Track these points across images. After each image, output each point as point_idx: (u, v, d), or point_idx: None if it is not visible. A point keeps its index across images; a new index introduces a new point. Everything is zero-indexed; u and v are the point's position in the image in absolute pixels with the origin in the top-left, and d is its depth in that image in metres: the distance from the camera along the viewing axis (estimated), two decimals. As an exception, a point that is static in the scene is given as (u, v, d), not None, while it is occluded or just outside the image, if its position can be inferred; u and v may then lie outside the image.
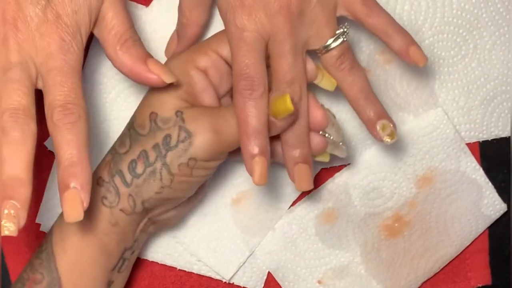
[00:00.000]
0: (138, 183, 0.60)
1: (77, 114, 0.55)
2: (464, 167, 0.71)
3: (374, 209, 0.71)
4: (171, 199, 0.62)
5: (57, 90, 0.55)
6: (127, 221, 0.61)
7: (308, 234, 0.71)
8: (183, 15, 0.64)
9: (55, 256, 0.60)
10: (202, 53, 0.61)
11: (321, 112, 0.61)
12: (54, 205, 0.69)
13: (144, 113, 0.61)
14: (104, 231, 0.60)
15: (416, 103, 0.70)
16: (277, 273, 0.71)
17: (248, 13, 0.58)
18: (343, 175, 0.70)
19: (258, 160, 0.58)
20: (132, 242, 0.63)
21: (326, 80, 0.62)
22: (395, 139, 0.62)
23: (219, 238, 0.70)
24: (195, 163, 0.59)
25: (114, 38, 0.58)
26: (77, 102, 0.55)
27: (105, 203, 0.60)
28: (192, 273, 0.71)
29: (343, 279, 0.71)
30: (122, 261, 0.63)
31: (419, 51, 0.61)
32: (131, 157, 0.60)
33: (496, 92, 0.71)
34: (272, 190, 0.70)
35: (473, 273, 0.73)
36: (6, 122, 0.53)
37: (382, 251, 0.71)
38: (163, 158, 0.59)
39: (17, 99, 0.54)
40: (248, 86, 0.58)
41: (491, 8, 0.70)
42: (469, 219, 0.72)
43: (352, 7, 0.61)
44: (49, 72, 0.55)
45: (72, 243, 0.60)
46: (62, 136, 0.54)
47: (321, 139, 0.62)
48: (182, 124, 0.59)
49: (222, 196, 0.70)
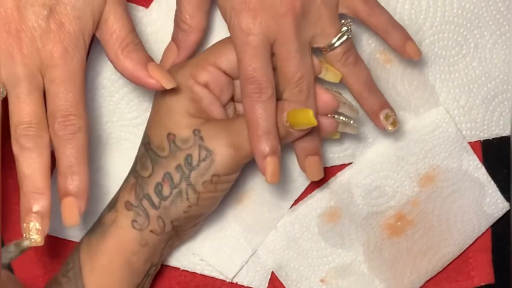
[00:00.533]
0: (166, 204, 0.61)
1: (77, 125, 0.57)
2: (466, 165, 0.71)
3: (377, 208, 0.71)
4: (198, 216, 0.63)
5: (58, 100, 0.56)
6: (156, 241, 0.62)
7: (310, 233, 0.71)
8: (184, 21, 0.63)
9: (83, 276, 0.61)
10: (201, 68, 0.61)
11: (329, 95, 0.62)
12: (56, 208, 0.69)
13: (160, 135, 0.61)
14: (133, 252, 0.61)
15: (417, 102, 0.70)
16: (280, 272, 0.71)
17: (254, 16, 0.59)
18: (346, 174, 0.70)
19: (270, 160, 0.59)
20: (159, 259, 0.64)
21: (330, 73, 0.63)
22: (397, 127, 0.65)
23: (222, 237, 0.70)
24: (218, 178, 0.60)
25: (115, 42, 0.59)
26: (77, 113, 0.57)
27: (135, 226, 0.61)
28: (196, 273, 0.71)
29: (346, 278, 0.71)
30: (147, 277, 0.64)
31: (414, 46, 0.64)
32: (156, 179, 0.61)
33: (497, 91, 0.71)
34: (274, 189, 0.70)
35: (476, 272, 0.73)
36: (20, 137, 0.56)
37: (385, 250, 0.71)
38: (188, 178, 0.60)
39: (28, 113, 0.56)
40: (256, 89, 0.59)
41: (492, 7, 0.70)
42: (471, 217, 0.72)
43: (354, 6, 0.62)
44: (52, 82, 0.56)
45: (100, 264, 0.61)
46: (63, 147, 0.57)
47: (331, 121, 0.63)
48: (202, 143, 0.60)
49: (225, 196, 0.69)
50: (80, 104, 0.57)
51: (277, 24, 0.59)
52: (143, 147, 0.62)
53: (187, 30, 0.64)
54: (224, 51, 0.61)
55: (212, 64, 0.61)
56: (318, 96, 0.62)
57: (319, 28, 0.61)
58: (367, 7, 0.62)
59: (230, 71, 0.61)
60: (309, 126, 0.59)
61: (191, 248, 0.70)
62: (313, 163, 0.63)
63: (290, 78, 0.60)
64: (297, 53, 0.59)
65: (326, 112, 0.63)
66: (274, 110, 0.59)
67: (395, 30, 0.63)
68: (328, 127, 0.63)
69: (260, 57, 0.59)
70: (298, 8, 0.59)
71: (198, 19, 0.63)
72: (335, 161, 0.71)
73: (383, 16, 0.63)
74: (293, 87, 0.60)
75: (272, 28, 0.59)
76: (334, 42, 0.62)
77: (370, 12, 0.62)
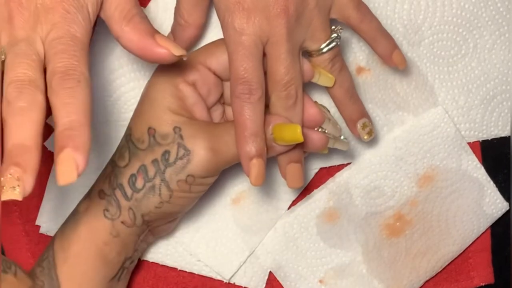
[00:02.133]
0: (138, 197, 0.61)
1: (76, 79, 0.52)
2: (466, 165, 0.71)
3: (376, 208, 0.71)
4: (170, 213, 0.62)
5: (57, 57, 0.53)
6: (128, 233, 0.62)
7: (309, 233, 0.71)
8: (181, 16, 0.64)
9: (56, 265, 0.61)
10: (190, 67, 0.61)
11: (315, 109, 0.62)
12: (54, 207, 0.69)
13: (141, 128, 0.61)
14: (105, 242, 0.61)
15: (416, 102, 0.70)
16: (278, 273, 0.71)
17: (247, 16, 0.58)
18: (344, 174, 0.70)
19: (256, 162, 0.59)
20: (133, 252, 0.64)
21: (324, 77, 0.63)
22: (373, 136, 0.65)
23: (219, 237, 0.70)
24: (193, 180, 0.60)
25: (120, 15, 0.57)
26: (78, 68, 0.52)
27: (106, 215, 0.61)
28: (194, 274, 0.71)
29: (345, 278, 0.71)
30: (122, 270, 0.64)
31: (401, 55, 0.64)
32: (131, 171, 0.61)
33: (496, 92, 0.71)
34: (271, 190, 0.70)
35: (475, 272, 0.73)
36: (11, 93, 0.51)
37: (384, 250, 0.71)
38: (162, 174, 0.60)
39: (22, 71, 0.52)
40: (246, 90, 0.58)
41: (491, 7, 0.70)
42: (470, 217, 0.71)
43: (346, 12, 0.62)
44: (52, 42, 0.53)
45: (73, 252, 0.61)
46: (59, 100, 0.51)
47: (321, 135, 0.62)
48: (181, 141, 0.60)
49: (222, 196, 0.70)
50: (81, 61, 0.53)
51: (270, 25, 0.59)
52: (124, 138, 0.63)
53: (184, 25, 0.64)
54: (216, 52, 0.61)
55: (202, 63, 0.61)
56: (305, 108, 0.61)
57: (310, 32, 0.61)
58: (359, 14, 0.62)
59: (219, 72, 0.62)
60: (294, 142, 0.59)
61: (189, 249, 0.70)
62: (294, 170, 0.62)
63: (279, 80, 0.60)
64: (288, 55, 0.59)
65: (311, 126, 0.62)
66: (262, 112, 0.59)
67: (384, 38, 0.64)
68: (318, 142, 0.62)
69: (252, 57, 0.59)
70: (292, 10, 0.59)
71: (195, 15, 0.64)
72: (334, 161, 0.71)
73: (373, 23, 0.63)
74: (282, 90, 0.60)
75: (265, 29, 0.59)
76: (323, 47, 0.62)
77: (361, 19, 0.63)
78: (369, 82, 0.70)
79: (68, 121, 0.50)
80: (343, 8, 0.62)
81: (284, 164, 0.62)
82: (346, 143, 0.65)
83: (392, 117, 0.70)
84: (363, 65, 0.69)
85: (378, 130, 0.70)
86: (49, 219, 0.69)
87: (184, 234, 0.70)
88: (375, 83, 0.69)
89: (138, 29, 0.56)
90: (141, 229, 0.62)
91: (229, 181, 0.70)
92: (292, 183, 0.62)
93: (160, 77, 0.62)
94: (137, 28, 0.56)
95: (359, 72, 0.70)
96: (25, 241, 0.70)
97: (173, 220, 0.65)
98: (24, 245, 0.70)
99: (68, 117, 0.50)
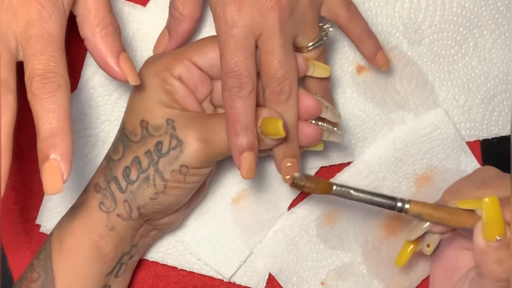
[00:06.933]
0: (133, 189, 0.61)
1: (56, 82, 0.52)
2: (465, 166, 0.71)
3: (374, 209, 0.70)
4: (167, 206, 0.62)
5: (36, 59, 0.52)
6: (124, 226, 0.62)
7: (309, 235, 0.71)
8: (176, 9, 0.64)
9: (52, 256, 0.61)
10: (177, 61, 0.61)
11: (311, 99, 0.61)
12: (54, 206, 0.69)
13: (134, 121, 0.61)
14: (100, 235, 0.61)
15: (416, 101, 0.70)
16: (280, 276, 0.71)
17: (239, 8, 0.58)
18: (344, 175, 0.70)
19: (247, 155, 0.58)
20: (130, 247, 0.64)
21: (319, 68, 0.62)
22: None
23: (219, 237, 0.70)
24: (187, 170, 0.60)
25: (94, 20, 0.57)
26: (56, 70, 0.53)
27: (102, 209, 0.61)
28: (194, 273, 0.71)
29: (346, 279, 0.71)
30: (120, 266, 0.63)
31: (384, 56, 0.65)
32: (124, 163, 0.61)
33: (496, 91, 0.71)
34: (271, 189, 0.70)
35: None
36: None
37: (383, 250, 0.71)
38: (156, 165, 0.60)
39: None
40: (237, 83, 0.58)
41: (491, 6, 0.70)
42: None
43: (336, 11, 0.62)
44: (28, 40, 0.53)
45: (68, 244, 0.61)
46: (41, 106, 0.52)
47: (315, 128, 0.62)
48: (173, 132, 0.60)
49: (222, 195, 0.70)
50: (60, 62, 0.53)
51: (262, 17, 0.58)
52: (118, 133, 0.63)
53: (178, 18, 0.64)
54: (203, 48, 0.61)
55: (188, 59, 0.61)
56: (300, 100, 0.61)
57: (302, 28, 0.61)
58: (348, 13, 0.63)
59: (205, 68, 0.61)
60: (277, 136, 0.59)
61: (189, 248, 0.70)
62: (289, 165, 0.62)
63: (273, 75, 0.59)
64: (281, 49, 0.59)
65: (309, 117, 0.62)
66: (254, 106, 0.59)
67: (369, 39, 0.64)
68: (312, 134, 0.62)
69: (243, 51, 0.58)
70: (285, 4, 0.58)
71: (190, 9, 0.64)
72: (334, 160, 0.71)
73: (361, 24, 0.64)
74: (275, 85, 0.59)
75: (257, 22, 0.58)
76: (312, 44, 0.62)
77: (350, 18, 0.63)
78: (370, 81, 0.70)
79: (49, 128, 0.51)
80: (333, 7, 0.62)
81: (279, 159, 0.62)
82: (341, 135, 0.64)
83: (392, 116, 0.70)
84: (363, 64, 0.69)
85: (379, 129, 0.70)
86: (49, 218, 0.69)
87: (184, 233, 0.70)
88: (375, 82, 0.70)
89: (107, 41, 0.57)
90: (138, 222, 0.62)
91: (229, 180, 0.70)
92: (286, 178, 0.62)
93: (147, 70, 0.62)
94: (107, 40, 0.57)
95: (360, 71, 0.70)
96: (25, 240, 0.70)
97: (174, 213, 0.65)
98: (24, 244, 0.70)
99: (50, 124, 0.51)
